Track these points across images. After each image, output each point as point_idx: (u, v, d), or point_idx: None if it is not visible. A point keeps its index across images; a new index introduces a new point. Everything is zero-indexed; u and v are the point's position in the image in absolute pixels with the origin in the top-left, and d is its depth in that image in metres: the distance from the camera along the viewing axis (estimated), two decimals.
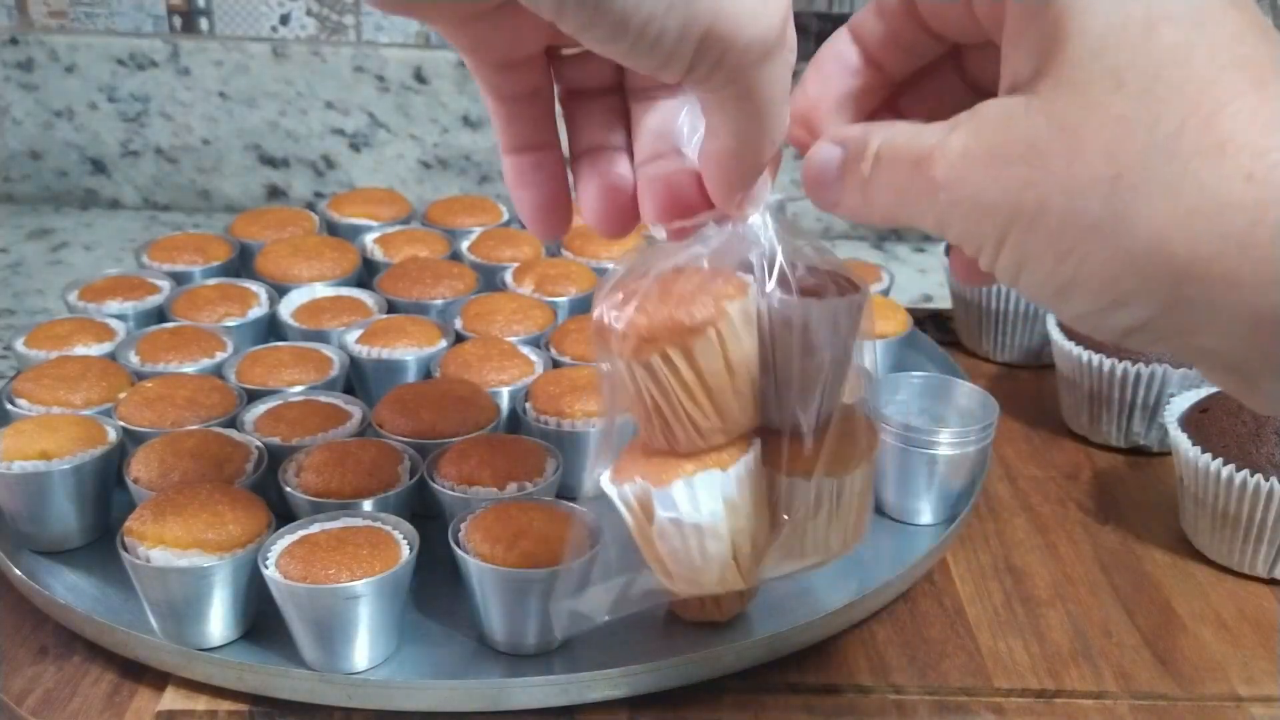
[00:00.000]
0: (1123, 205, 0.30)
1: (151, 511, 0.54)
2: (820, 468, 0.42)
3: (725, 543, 0.41)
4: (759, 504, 0.42)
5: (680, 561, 0.42)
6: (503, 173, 0.43)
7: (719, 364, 0.39)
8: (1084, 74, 0.31)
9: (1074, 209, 0.31)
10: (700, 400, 0.40)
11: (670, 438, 0.41)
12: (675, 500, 0.40)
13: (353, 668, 0.52)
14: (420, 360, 0.71)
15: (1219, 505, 0.62)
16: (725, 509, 0.41)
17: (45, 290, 0.94)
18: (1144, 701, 0.55)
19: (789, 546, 0.43)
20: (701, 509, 0.40)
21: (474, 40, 0.39)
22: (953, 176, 0.33)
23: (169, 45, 1.06)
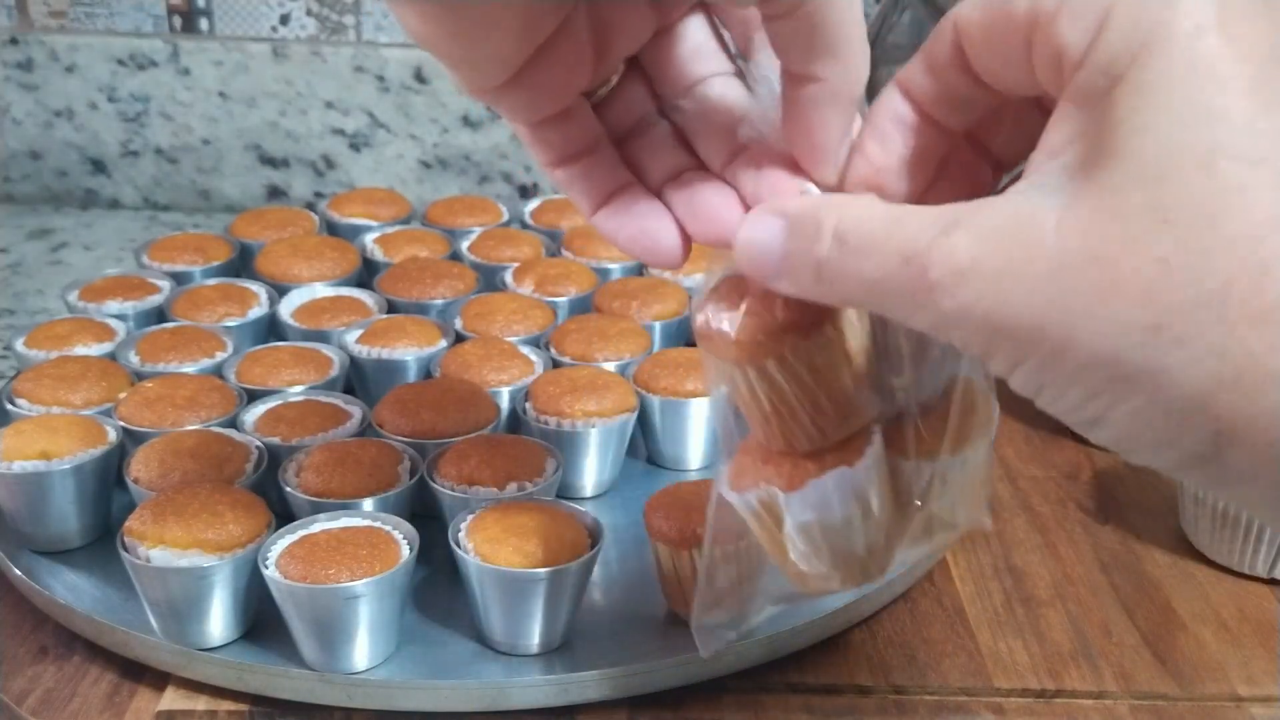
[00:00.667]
0: (1163, 357, 0.28)
1: (151, 511, 0.54)
2: (946, 445, 0.40)
3: (860, 538, 0.40)
4: (888, 494, 0.40)
5: (814, 564, 0.40)
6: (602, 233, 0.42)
7: (837, 359, 0.38)
8: (1127, 203, 0.28)
9: (1106, 351, 0.29)
10: (819, 399, 0.38)
11: (792, 439, 0.39)
12: (809, 503, 0.39)
13: (353, 668, 0.52)
14: (420, 360, 0.71)
15: (1219, 505, 0.62)
16: (857, 505, 0.39)
17: (45, 290, 0.94)
18: (1144, 701, 0.55)
19: (919, 530, 0.42)
20: (836, 510, 0.39)
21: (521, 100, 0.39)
22: (958, 286, 0.30)
23: (169, 45, 1.06)
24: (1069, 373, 0.30)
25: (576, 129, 0.40)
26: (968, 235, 0.30)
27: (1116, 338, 0.28)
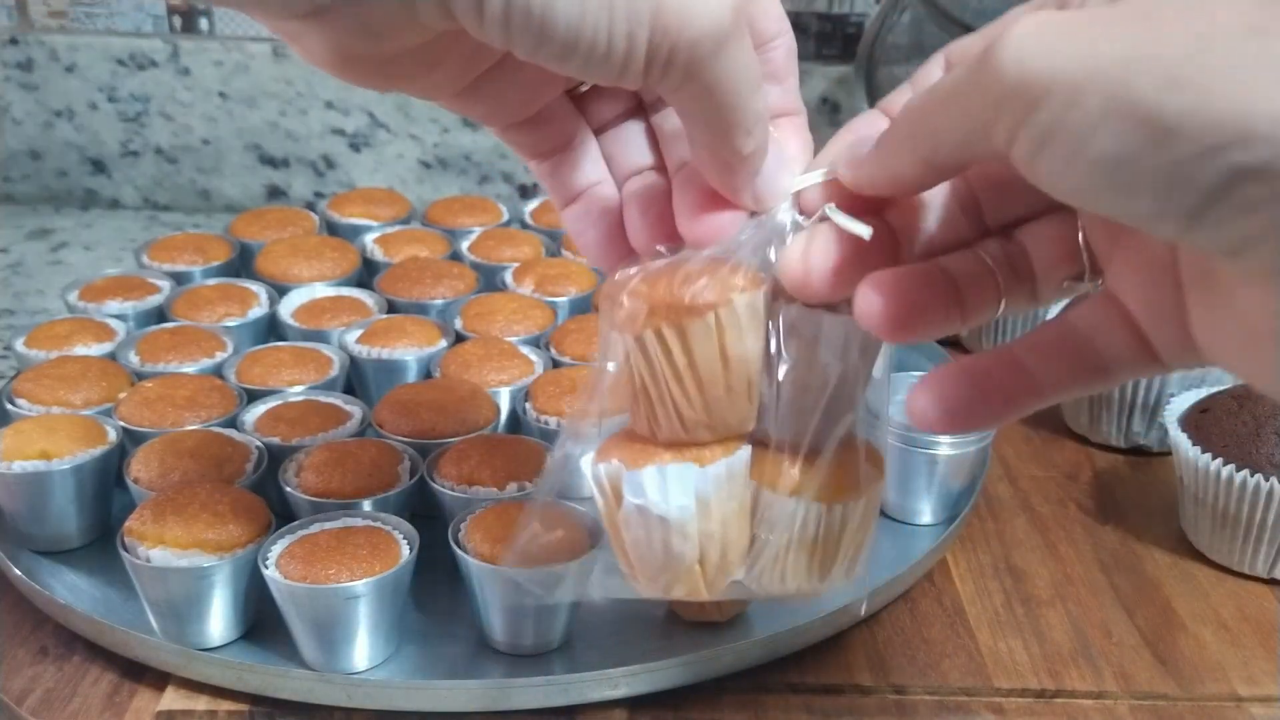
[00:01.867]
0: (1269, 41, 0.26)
1: (151, 511, 0.54)
2: (808, 490, 0.39)
3: (692, 544, 0.39)
4: (737, 514, 0.40)
5: (642, 555, 0.40)
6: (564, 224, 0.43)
7: (713, 353, 0.38)
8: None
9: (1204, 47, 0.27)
10: (688, 387, 0.38)
11: (654, 423, 0.39)
12: (644, 486, 0.39)
13: (353, 668, 0.52)
14: (420, 360, 0.71)
15: (1219, 505, 0.62)
16: (696, 507, 0.39)
17: (45, 290, 0.94)
18: (1144, 701, 0.55)
19: (766, 569, 0.41)
20: (670, 501, 0.38)
21: (485, 110, 0.39)
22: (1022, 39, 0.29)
23: (169, 45, 1.06)
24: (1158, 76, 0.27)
25: (547, 129, 0.41)
26: (1043, 9, 0.31)
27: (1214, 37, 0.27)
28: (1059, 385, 0.37)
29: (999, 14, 0.37)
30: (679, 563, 0.39)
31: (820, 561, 0.41)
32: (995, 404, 0.36)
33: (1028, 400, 0.37)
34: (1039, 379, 0.37)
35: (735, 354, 0.38)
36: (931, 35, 0.91)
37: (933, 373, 0.37)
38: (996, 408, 0.36)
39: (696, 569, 0.40)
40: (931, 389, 0.36)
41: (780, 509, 0.40)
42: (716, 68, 0.34)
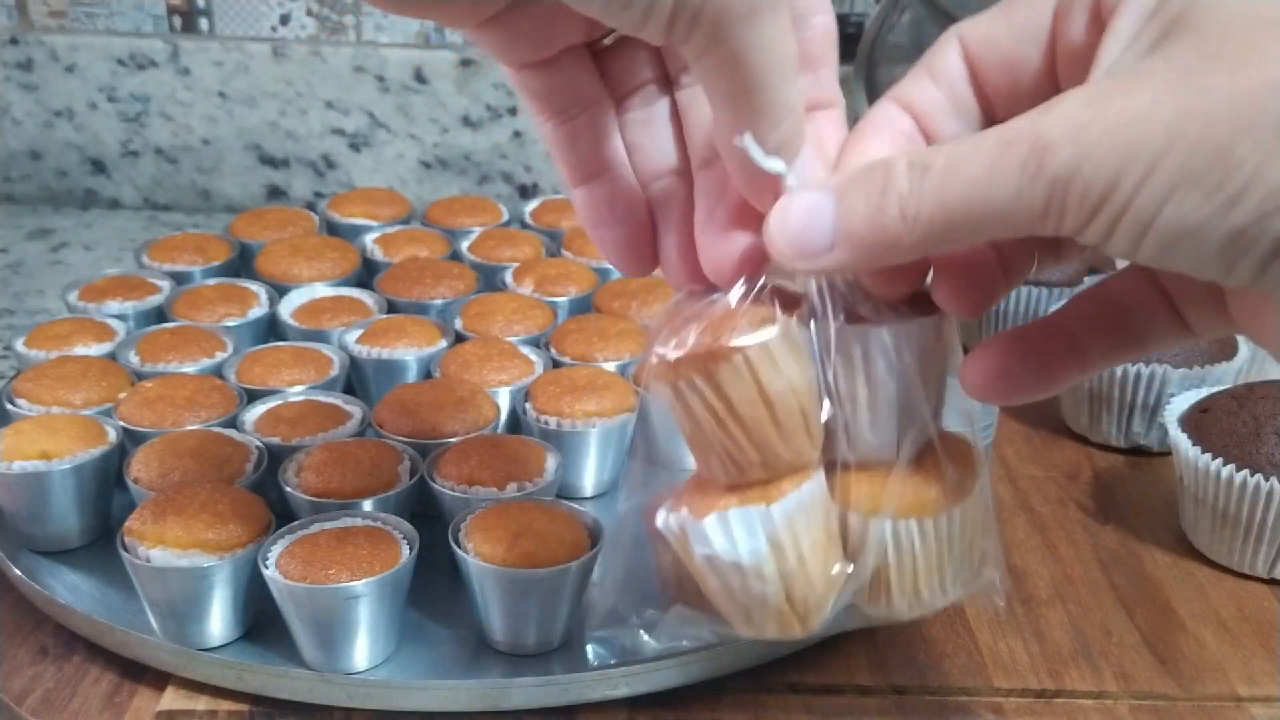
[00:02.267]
0: None
1: (151, 511, 0.54)
2: (890, 508, 0.38)
3: (774, 585, 0.38)
4: (821, 545, 0.38)
5: (726, 601, 0.39)
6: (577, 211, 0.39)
7: (751, 394, 0.36)
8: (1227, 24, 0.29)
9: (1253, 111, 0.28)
10: (733, 431, 0.37)
11: (710, 469, 0.38)
12: (709, 536, 0.37)
13: (353, 668, 0.52)
14: (420, 360, 0.71)
15: (1219, 505, 0.62)
16: (769, 548, 0.37)
17: (45, 290, 0.94)
18: (1144, 701, 0.55)
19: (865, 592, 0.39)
20: (740, 547, 0.37)
21: (500, 41, 0.37)
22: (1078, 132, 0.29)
23: (169, 45, 1.06)
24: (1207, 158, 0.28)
25: (565, 81, 0.38)
26: (1072, 98, 0.30)
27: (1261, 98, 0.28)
28: (1103, 356, 0.37)
29: None
30: (764, 604, 0.38)
31: (927, 577, 0.39)
32: (1044, 373, 0.37)
33: (1075, 370, 0.37)
34: (1085, 349, 0.37)
35: (776, 389, 0.36)
36: (931, 35, 0.90)
37: (983, 344, 0.37)
38: (1045, 378, 0.37)
39: (785, 607, 0.38)
40: (983, 360, 0.37)
41: (865, 533, 0.38)
42: (746, 36, 0.31)
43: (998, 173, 0.30)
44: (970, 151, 0.31)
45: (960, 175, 0.31)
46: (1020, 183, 0.30)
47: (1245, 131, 0.28)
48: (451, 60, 1.07)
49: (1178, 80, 0.29)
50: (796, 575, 0.38)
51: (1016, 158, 0.30)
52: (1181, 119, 0.28)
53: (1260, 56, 0.28)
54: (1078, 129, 0.29)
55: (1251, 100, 0.28)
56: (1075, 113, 0.30)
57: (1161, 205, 0.29)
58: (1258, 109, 0.28)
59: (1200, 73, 0.29)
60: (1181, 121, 0.28)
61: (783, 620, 0.39)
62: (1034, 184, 0.30)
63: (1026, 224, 0.31)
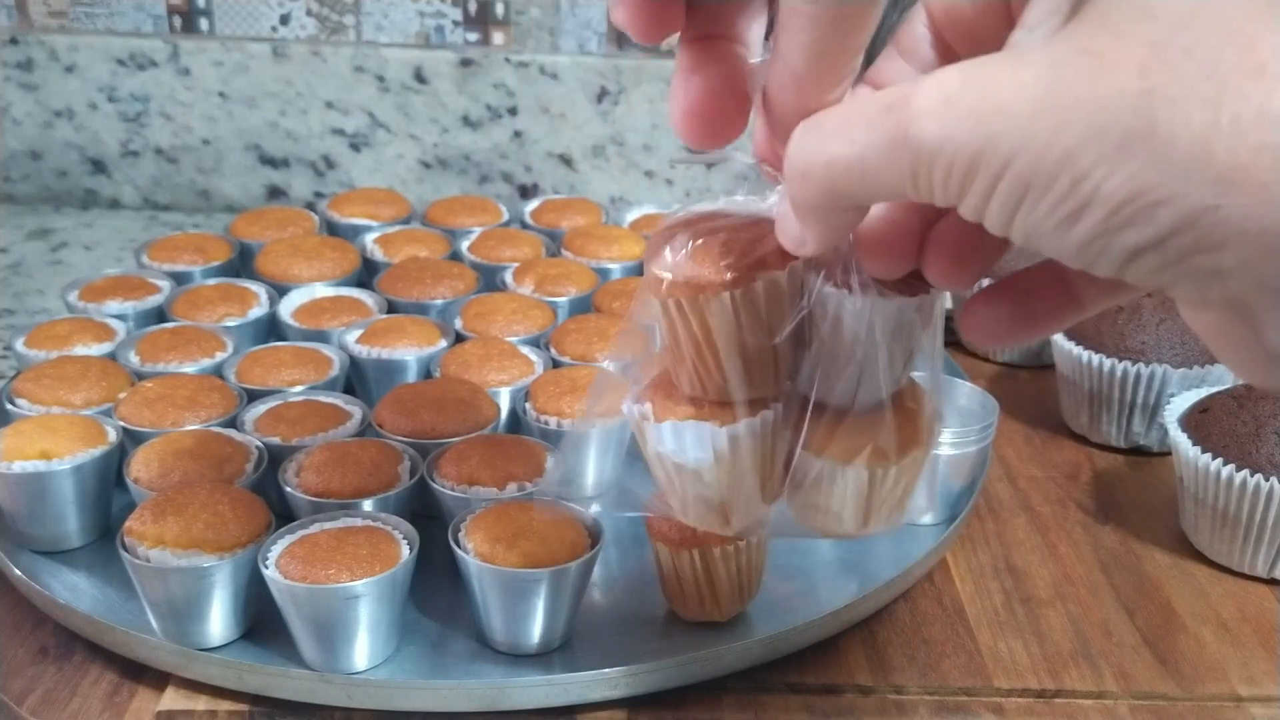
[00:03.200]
0: (1156, 116, 0.28)
1: (151, 511, 0.54)
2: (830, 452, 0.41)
3: (711, 490, 0.42)
4: (760, 464, 0.42)
5: (669, 489, 0.43)
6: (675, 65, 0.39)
7: (730, 329, 0.39)
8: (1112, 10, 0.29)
9: (1100, 125, 0.29)
10: (706, 357, 0.40)
11: (678, 378, 0.42)
12: (663, 437, 0.41)
13: (352, 668, 0.52)
14: (420, 360, 0.71)
15: (1219, 505, 0.62)
16: (714, 460, 0.41)
17: (45, 290, 0.94)
18: (1144, 701, 0.55)
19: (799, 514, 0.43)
20: (688, 453, 0.41)
21: None
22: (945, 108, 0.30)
23: (169, 45, 1.06)
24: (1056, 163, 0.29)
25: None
26: (952, 71, 0.30)
27: (1112, 110, 0.28)
28: (1097, 296, 0.38)
29: None
30: (700, 501, 0.42)
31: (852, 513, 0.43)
32: (1041, 316, 0.38)
33: (1072, 312, 0.38)
34: (1080, 290, 0.38)
35: (753, 332, 0.39)
36: None
37: (983, 292, 0.39)
38: (1043, 320, 0.38)
39: (719, 506, 0.42)
40: (983, 305, 0.38)
41: (807, 467, 0.42)
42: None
43: (871, 140, 0.31)
44: (858, 113, 0.32)
45: (838, 134, 0.32)
46: (889, 149, 0.31)
47: (1092, 141, 0.28)
48: (451, 60, 1.07)
49: (1046, 73, 0.29)
50: (733, 487, 0.42)
51: (887, 125, 0.31)
52: (1038, 116, 0.29)
53: (1123, 60, 0.29)
54: (947, 106, 0.30)
55: (1100, 110, 0.28)
56: (950, 88, 0.30)
57: (1020, 201, 0.30)
58: (1105, 120, 0.28)
59: (1066, 69, 0.29)
60: (1038, 119, 0.29)
61: (711, 518, 0.43)
62: (900, 152, 0.30)
63: (900, 190, 0.31)
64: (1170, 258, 0.29)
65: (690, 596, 0.55)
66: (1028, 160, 0.29)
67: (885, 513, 0.43)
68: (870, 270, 0.39)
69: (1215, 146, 0.28)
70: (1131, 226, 0.29)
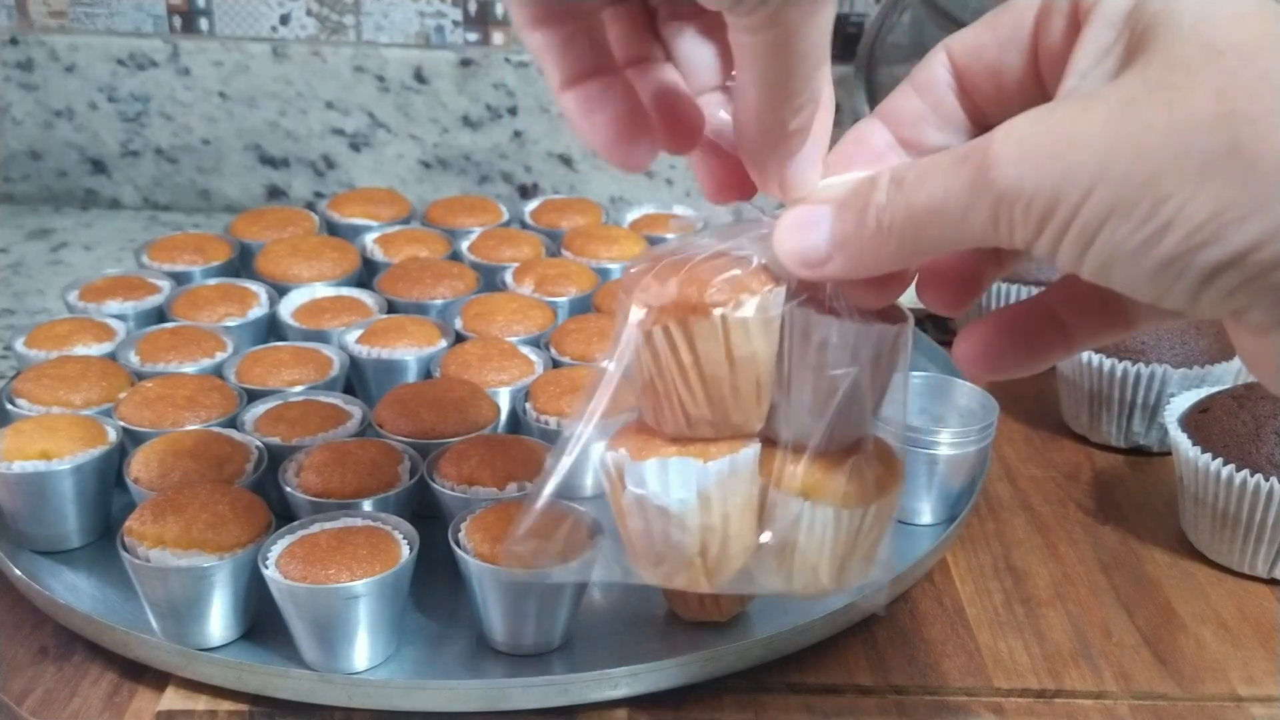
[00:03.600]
0: (1238, 136, 0.29)
1: (151, 511, 0.54)
2: (815, 493, 0.40)
3: (692, 536, 0.40)
4: (741, 510, 0.40)
5: (644, 543, 0.41)
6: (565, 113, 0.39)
7: (719, 353, 0.38)
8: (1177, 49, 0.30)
9: (1181, 149, 0.29)
10: (693, 385, 0.39)
11: (660, 417, 0.40)
12: (645, 477, 0.40)
13: (352, 668, 0.52)
14: (420, 360, 0.71)
15: (1219, 505, 0.62)
16: (698, 502, 0.39)
17: (45, 290, 0.94)
18: (1144, 701, 0.55)
19: (770, 565, 0.42)
20: (670, 494, 0.39)
21: None
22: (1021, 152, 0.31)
23: (169, 45, 1.06)
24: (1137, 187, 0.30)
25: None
26: (1021, 118, 0.32)
27: (1191, 134, 0.29)
28: (1089, 335, 0.39)
29: None
30: (679, 553, 0.40)
31: (829, 563, 0.41)
32: (1032, 353, 0.39)
33: (1062, 349, 0.39)
34: (1072, 329, 0.39)
35: (742, 355, 0.38)
36: (931, 35, 0.91)
37: (976, 323, 0.40)
38: (1033, 356, 0.39)
39: (697, 561, 0.40)
40: (975, 338, 0.39)
41: (785, 509, 0.40)
42: (803, 25, 0.33)
43: (952, 187, 0.32)
44: (933, 166, 0.33)
45: (923, 189, 0.33)
46: (970, 197, 0.32)
47: (1173, 165, 0.29)
48: (451, 60, 1.07)
49: (1120, 108, 0.30)
50: (715, 532, 0.40)
51: (967, 174, 0.32)
52: (1117, 147, 0.30)
53: (1199, 90, 0.30)
54: (1023, 148, 0.31)
55: (1181, 135, 0.29)
56: (1023, 132, 0.31)
57: (1098, 230, 0.31)
58: (1186, 144, 0.29)
59: (1141, 103, 0.30)
60: (1117, 150, 0.30)
61: (691, 572, 0.41)
62: (981, 198, 0.32)
63: (980, 235, 0.32)
64: (1250, 273, 0.30)
65: (690, 596, 0.55)
66: (1109, 189, 0.30)
67: (858, 564, 0.42)
68: (856, 299, 0.39)
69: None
70: (1214, 243, 0.30)
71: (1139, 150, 0.30)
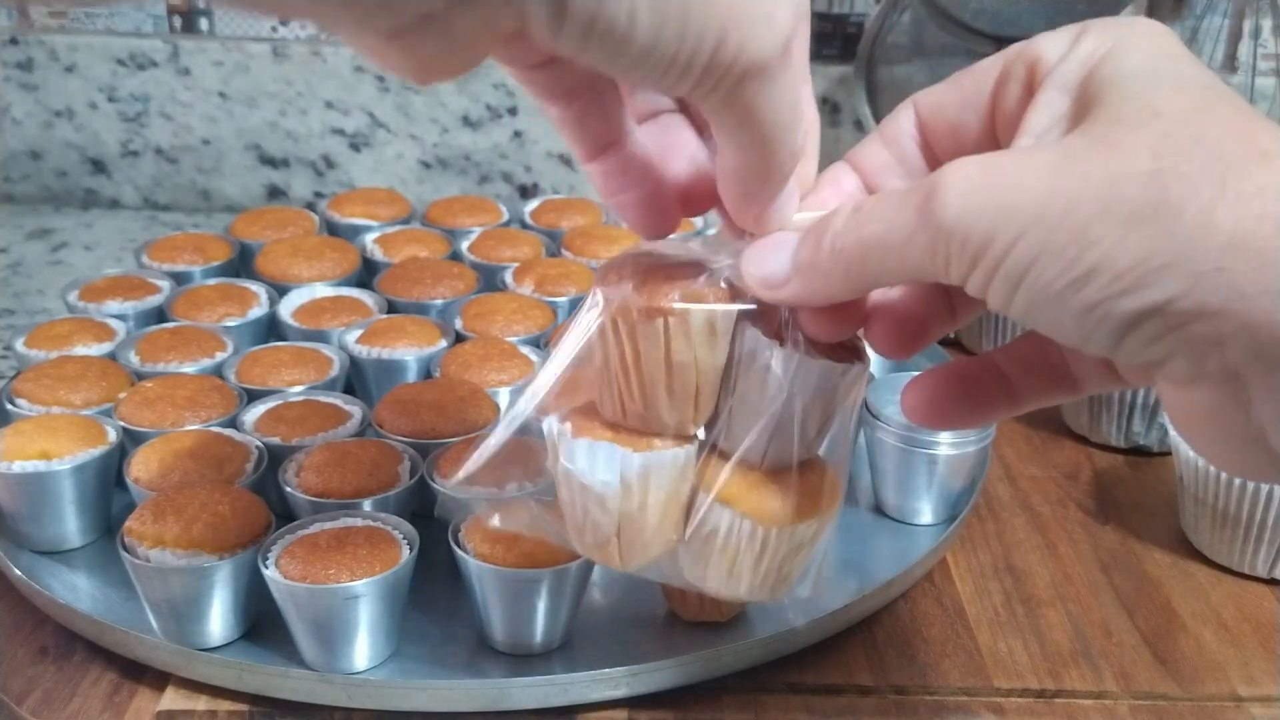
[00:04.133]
0: (1166, 190, 0.30)
1: (151, 511, 0.54)
2: (732, 500, 0.42)
3: (611, 518, 0.42)
4: (663, 504, 0.42)
5: (570, 513, 0.43)
6: (592, 183, 0.42)
7: (657, 355, 0.40)
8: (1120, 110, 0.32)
9: (1111, 197, 0.31)
10: (631, 380, 0.41)
11: (602, 402, 0.42)
12: (576, 454, 0.42)
13: (352, 668, 0.52)
14: (420, 360, 0.71)
15: (1219, 505, 0.62)
16: (621, 487, 0.41)
17: (45, 290, 0.94)
18: (1144, 701, 0.55)
19: (687, 560, 0.43)
20: (596, 474, 0.41)
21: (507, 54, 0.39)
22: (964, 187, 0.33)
23: (169, 45, 1.06)
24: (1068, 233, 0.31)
25: (568, 71, 0.40)
26: (974, 161, 0.33)
27: (1123, 185, 0.31)
28: (1034, 396, 0.41)
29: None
30: (597, 530, 0.43)
31: (744, 572, 0.43)
32: (977, 408, 0.41)
33: (1006, 408, 0.41)
34: (1017, 388, 0.41)
35: (680, 360, 0.40)
36: (932, 35, 0.91)
37: (925, 373, 0.41)
38: (978, 412, 0.41)
39: (614, 540, 0.43)
40: (921, 388, 0.41)
41: (708, 513, 0.42)
42: (761, 96, 0.34)
43: (899, 219, 0.34)
44: (887, 197, 0.35)
45: (874, 216, 0.35)
46: (913, 229, 0.33)
47: (1102, 213, 0.31)
48: None
49: (1062, 159, 0.32)
50: (633, 519, 0.42)
51: (913, 205, 0.33)
52: (1053, 194, 0.31)
53: (1136, 146, 0.31)
54: (967, 186, 0.32)
55: (1113, 186, 0.31)
56: (968, 171, 0.33)
57: (1026, 270, 0.32)
58: (1117, 194, 0.31)
59: (1080, 155, 0.32)
60: (1052, 196, 0.31)
61: (606, 551, 0.43)
62: (922, 231, 0.33)
63: (918, 267, 0.34)
64: (1171, 323, 0.31)
65: (690, 596, 0.55)
66: (1040, 233, 0.31)
67: (770, 580, 0.44)
68: (808, 330, 0.40)
69: (1220, 216, 0.30)
70: (1136, 291, 0.31)
71: (1072, 198, 0.31)
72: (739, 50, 0.32)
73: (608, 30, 0.30)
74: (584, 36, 0.30)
